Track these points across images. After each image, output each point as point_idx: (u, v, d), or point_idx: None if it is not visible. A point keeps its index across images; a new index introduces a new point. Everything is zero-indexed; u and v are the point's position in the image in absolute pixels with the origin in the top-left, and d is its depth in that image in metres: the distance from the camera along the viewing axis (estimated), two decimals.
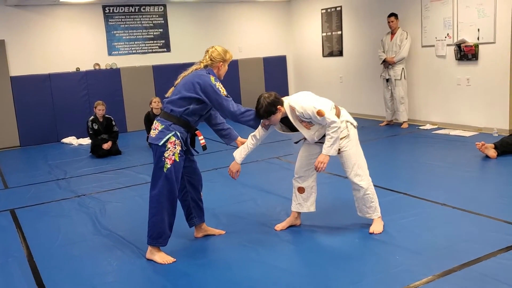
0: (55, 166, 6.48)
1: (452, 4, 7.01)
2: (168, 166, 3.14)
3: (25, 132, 8.21)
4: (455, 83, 7.20)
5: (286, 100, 3.33)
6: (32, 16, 8.29)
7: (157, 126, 3.20)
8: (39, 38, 8.37)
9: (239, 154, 3.45)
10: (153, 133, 3.21)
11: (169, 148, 3.13)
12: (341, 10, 9.18)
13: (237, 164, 3.45)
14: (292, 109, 3.28)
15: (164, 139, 3.13)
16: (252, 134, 3.43)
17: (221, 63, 3.31)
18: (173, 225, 3.30)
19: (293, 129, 3.41)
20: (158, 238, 3.22)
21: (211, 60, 3.29)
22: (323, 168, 3.29)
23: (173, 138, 3.14)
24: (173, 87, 3.30)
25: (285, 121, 3.39)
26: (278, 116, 3.27)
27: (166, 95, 3.32)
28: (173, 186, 3.19)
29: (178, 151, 3.16)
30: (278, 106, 3.23)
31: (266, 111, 3.21)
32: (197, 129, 3.33)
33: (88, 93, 8.60)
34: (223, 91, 3.19)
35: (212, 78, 3.19)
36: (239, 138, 3.57)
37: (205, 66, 3.29)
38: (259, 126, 3.40)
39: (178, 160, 3.16)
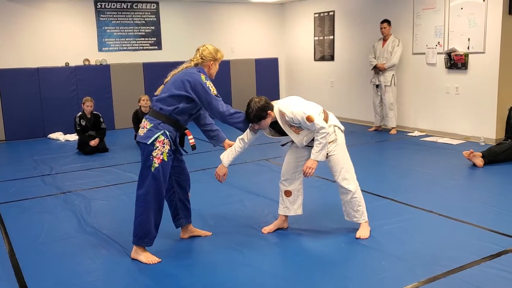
0: (41, 161, 6.40)
1: (443, 12, 7.08)
2: (156, 165, 3.10)
3: (11, 126, 8.09)
4: (444, 91, 7.26)
5: (275, 104, 3.33)
6: (22, 8, 8.18)
7: (145, 124, 3.16)
8: (28, 31, 8.27)
9: (227, 157, 3.42)
10: (141, 131, 3.17)
11: (158, 147, 3.10)
12: (334, 15, 9.22)
13: (224, 167, 3.43)
14: (282, 114, 3.28)
15: (153, 138, 3.10)
16: (240, 137, 3.42)
17: (212, 62, 3.29)
18: (159, 225, 3.27)
19: (281, 133, 3.41)
20: (143, 238, 3.19)
21: (201, 58, 3.26)
22: (312, 173, 3.30)
23: (162, 137, 3.11)
24: (162, 85, 3.27)
25: (274, 125, 3.38)
26: (268, 120, 3.27)
27: (156, 93, 3.29)
28: (161, 186, 3.15)
29: (167, 151, 3.13)
30: (268, 111, 3.23)
31: (256, 115, 3.20)
32: (186, 128, 3.29)
33: (76, 89, 8.51)
34: (213, 90, 3.17)
35: (203, 77, 3.16)
36: (227, 141, 3.54)
37: (196, 65, 3.27)
38: (248, 129, 3.39)
39: (166, 160, 3.13)
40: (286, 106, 3.28)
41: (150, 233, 3.19)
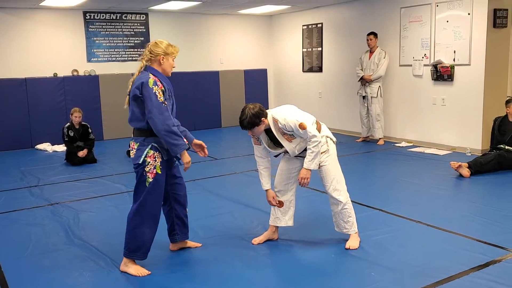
0: (28, 172, 6.32)
1: (429, 25, 7.20)
2: (150, 180, 3.09)
3: None
4: (431, 102, 7.36)
5: (269, 112, 3.35)
6: (10, 19, 8.14)
7: (133, 145, 3.16)
8: (16, 41, 8.22)
9: (262, 183, 3.49)
10: (132, 153, 3.16)
11: (149, 162, 3.09)
12: (322, 27, 9.32)
13: (268, 192, 3.50)
14: (275, 121, 3.30)
15: (143, 156, 3.09)
16: (255, 155, 3.50)
17: (163, 56, 3.12)
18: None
19: (277, 143, 3.42)
20: (136, 251, 3.16)
21: (150, 53, 3.13)
22: (307, 183, 3.32)
23: (151, 152, 3.09)
24: (127, 96, 3.15)
25: (267, 133, 3.40)
26: (261, 127, 3.29)
27: (125, 107, 3.21)
28: (156, 200, 3.14)
29: (159, 163, 3.11)
30: (262, 118, 3.25)
31: (250, 122, 3.22)
32: None
33: (65, 99, 8.46)
34: (159, 96, 3.00)
35: (151, 81, 3.00)
36: (195, 141, 3.41)
37: (147, 61, 3.15)
38: (252, 143, 3.42)
39: (160, 172, 3.12)
40: (279, 113, 3.31)
41: (143, 247, 3.17)
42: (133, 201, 3.18)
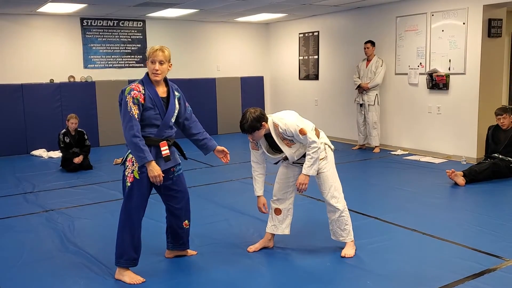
0: (23, 179, 6.30)
1: (425, 34, 7.25)
2: (129, 184, 3.09)
3: None
4: (426, 111, 7.40)
5: (270, 117, 3.37)
6: (7, 25, 8.15)
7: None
8: (13, 48, 8.22)
9: (255, 188, 3.49)
10: None
11: (128, 166, 3.09)
12: (318, 35, 9.37)
13: (259, 198, 3.50)
14: (276, 126, 3.31)
15: (124, 158, 3.12)
16: (251, 161, 3.49)
17: (147, 62, 3.19)
18: (139, 247, 3.20)
19: (276, 148, 3.43)
20: (119, 258, 3.15)
21: None
22: (305, 189, 3.33)
23: (130, 156, 3.09)
24: None
25: (267, 138, 3.41)
26: (262, 132, 3.29)
27: None
28: (133, 205, 3.10)
29: (137, 168, 3.07)
30: (262, 122, 3.26)
31: (250, 126, 3.23)
32: (161, 141, 3.13)
33: (61, 105, 8.45)
34: (129, 104, 3.00)
35: (128, 89, 3.05)
36: (218, 147, 3.42)
37: None
38: (250, 148, 3.42)
39: (138, 178, 3.08)
40: (280, 118, 3.33)
41: (125, 254, 3.14)
42: None
